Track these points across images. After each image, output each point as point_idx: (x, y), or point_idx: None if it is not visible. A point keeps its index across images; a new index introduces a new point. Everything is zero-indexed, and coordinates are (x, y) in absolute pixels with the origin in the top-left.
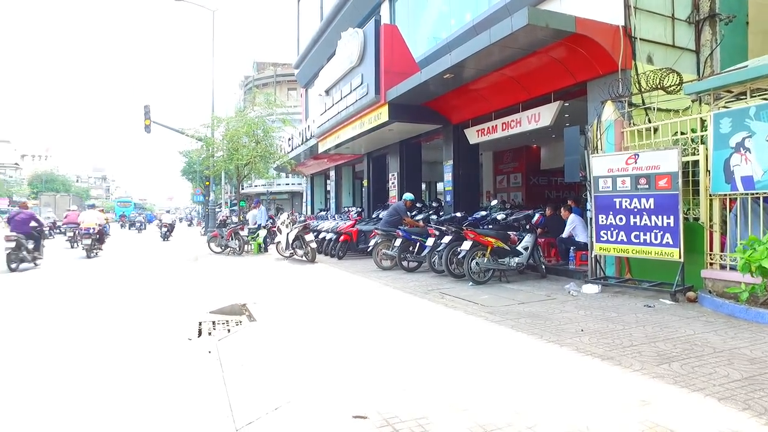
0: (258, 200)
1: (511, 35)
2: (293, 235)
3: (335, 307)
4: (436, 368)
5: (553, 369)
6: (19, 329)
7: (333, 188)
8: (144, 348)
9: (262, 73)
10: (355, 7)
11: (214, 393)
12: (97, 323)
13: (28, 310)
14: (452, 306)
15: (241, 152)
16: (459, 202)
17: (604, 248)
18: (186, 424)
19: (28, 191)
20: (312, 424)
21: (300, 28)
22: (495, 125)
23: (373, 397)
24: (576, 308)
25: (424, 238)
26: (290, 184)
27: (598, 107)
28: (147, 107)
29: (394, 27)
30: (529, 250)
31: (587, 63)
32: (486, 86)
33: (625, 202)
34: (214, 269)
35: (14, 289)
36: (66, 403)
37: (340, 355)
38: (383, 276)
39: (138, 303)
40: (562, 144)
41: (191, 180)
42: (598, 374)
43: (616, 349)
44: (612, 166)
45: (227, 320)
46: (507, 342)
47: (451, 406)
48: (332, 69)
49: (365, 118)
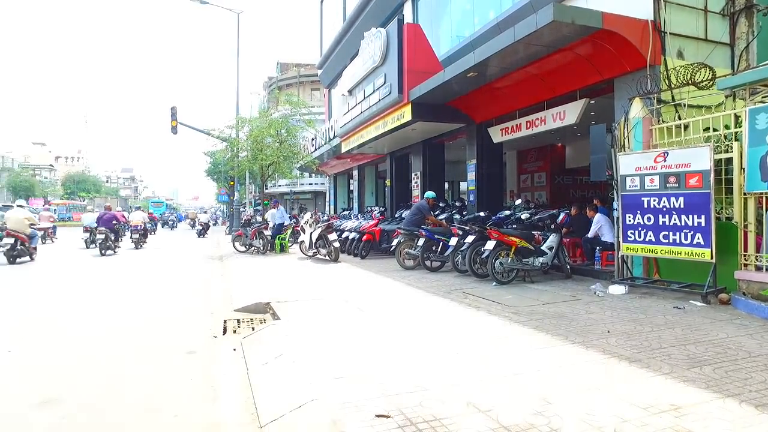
0: (276, 201)
1: (536, 32)
2: (316, 234)
3: (358, 306)
4: (458, 368)
5: (577, 370)
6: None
7: (356, 188)
8: (174, 345)
9: (286, 73)
10: (378, 7)
11: (239, 390)
12: (142, 304)
13: (118, 279)
14: (475, 306)
15: (266, 152)
16: (482, 202)
17: (631, 248)
18: (213, 421)
19: (62, 191)
20: (335, 422)
21: (323, 28)
22: (519, 124)
23: (396, 396)
24: (602, 309)
25: (448, 237)
26: (313, 184)
27: (625, 104)
28: (174, 109)
29: (417, 26)
30: (553, 250)
31: (614, 59)
32: (510, 84)
33: (653, 201)
34: (239, 268)
35: (108, 267)
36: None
37: (362, 354)
38: (406, 276)
39: (171, 296)
40: (587, 142)
41: (216, 180)
42: (625, 376)
43: (644, 351)
44: (640, 165)
45: (251, 318)
46: (531, 343)
47: (473, 407)
48: (355, 69)
49: (388, 118)
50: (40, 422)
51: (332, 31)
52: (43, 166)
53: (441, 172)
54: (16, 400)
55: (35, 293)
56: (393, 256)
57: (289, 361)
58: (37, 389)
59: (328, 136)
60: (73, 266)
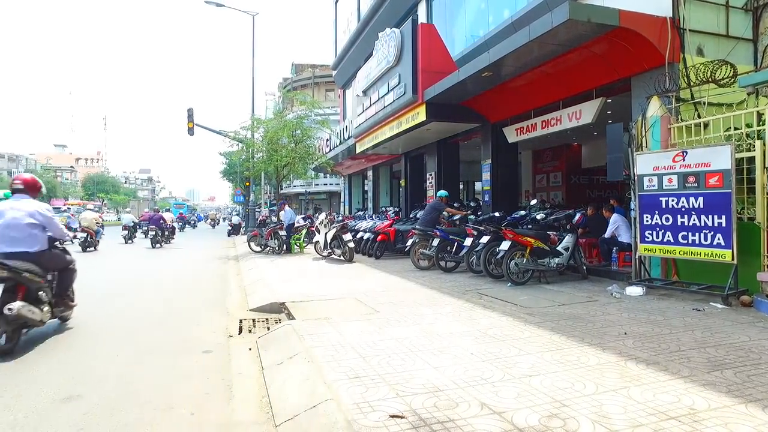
0: (283, 201)
1: (552, 31)
2: (331, 234)
3: (372, 306)
4: (473, 370)
5: (593, 373)
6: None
7: (371, 188)
8: (191, 343)
9: (301, 75)
10: (392, 8)
11: (254, 389)
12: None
13: (152, 271)
14: (490, 307)
15: (281, 153)
16: (497, 202)
17: (649, 249)
18: (228, 420)
19: (82, 192)
20: (350, 422)
21: (337, 29)
22: (534, 123)
23: (410, 397)
24: (619, 311)
25: (462, 238)
26: (328, 185)
27: (642, 103)
28: (190, 110)
29: (432, 26)
30: (569, 250)
31: (631, 57)
32: (525, 84)
33: (672, 201)
34: (254, 268)
35: (159, 256)
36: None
37: (376, 354)
38: (420, 276)
39: (189, 295)
40: (604, 142)
41: (231, 181)
42: (642, 379)
43: (663, 354)
44: (658, 164)
45: (267, 318)
46: (547, 344)
47: (487, 408)
48: (369, 69)
49: (403, 118)
50: (63, 418)
51: (346, 31)
52: (64, 167)
53: (456, 172)
54: (43, 395)
55: (101, 277)
56: (408, 257)
57: (304, 360)
58: (62, 383)
59: (343, 137)
60: (126, 256)
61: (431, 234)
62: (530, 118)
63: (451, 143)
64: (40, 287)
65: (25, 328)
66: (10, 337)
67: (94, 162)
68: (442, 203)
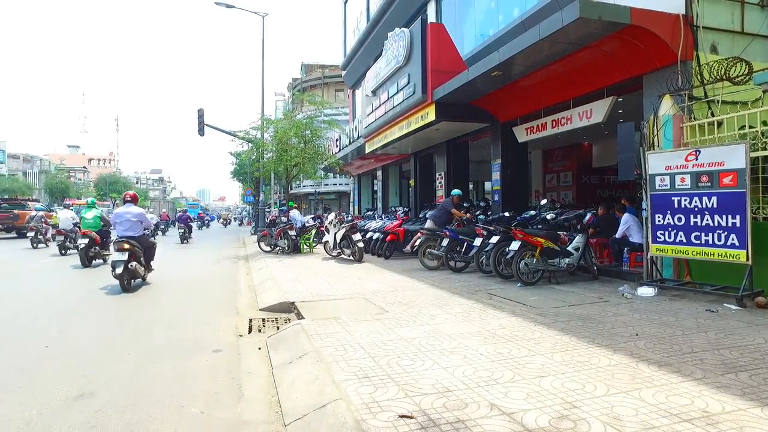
0: (285, 210)
1: (562, 30)
2: (341, 234)
3: (381, 306)
4: (482, 370)
5: (604, 374)
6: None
7: (380, 188)
8: (202, 342)
9: (310, 75)
10: (402, 7)
11: (263, 389)
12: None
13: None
14: (500, 307)
15: (290, 153)
16: (507, 202)
17: (660, 249)
18: (238, 419)
19: (95, 193)
20: (358, 422)
21: (346, 29)
22: (544, 123)
23: (419, 397)
24: (630, 311)
25: (472, 238)
26: (337, 185)
27: (654, 102)
28: (201, 111)
29: (441, 25)
30: (580, 250)
31: (643, 55)
32: (535, 83)
33: (684, 201)
34: (264, 268)
35: (186, 250)
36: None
37: (385, 354)
38: (430, 276)
39: (201, 295)
40: (614, 141)
41: (241, 181)
42: (654, 381)
43: (675, 356)
44: (670, 164)
45: (276, 317)
46: (557, 345)
47: (497, 409)
48: (379, 69)
49: (412, 118)
50: (76, 416)
51: (355, 31)
52: (77, 168)
53: (465, 171)
54: (56, 392)
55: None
56: (417, 257)
57: (313, 360)
58: (75, 381)
59: (352, 137)
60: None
61: (439, 234)
62: (540, 117)
63: (461, 143)
64: (140, 256)
65: (133, 279)
66: (128, 282)
67: (107, 162)
68: (451, 202)
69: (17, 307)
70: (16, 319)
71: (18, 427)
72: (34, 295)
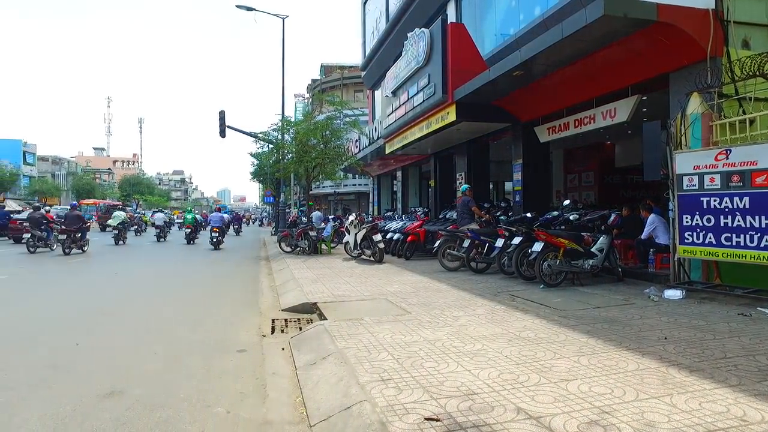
0: (306, 209)
1: (585, 28)
2: (361, 235)
3: (403, 307)
4: (507, 373)
5: (632, 378)
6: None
7: (399, 189)
8: (226, 342)
9: (329, 76)
10: (421, 7)
11: (288, 389)
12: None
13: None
14: (523, 309)
15: (311, 154)
16: (529, 202)
17: (688, 251)
18: (263, 419)
19: (119, 194)
20: (384, 424)
21: (366, 30)
22: (566, 122)
23: (444, 400)
24: (657, 314)
25: (494, 239)
26: (357, 185)
27: (682, 100)
28: (222, 113)
29: (461, 25)
30: (604, 251)
31: (670, 52)
32: (557, 82)
33: (714, 202)
34: (285, 268)
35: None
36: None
37: (409, 356)
38: (451, 277)
39: (224, 295)
40: (639, 140)
41: (261, 182)
42: (686, 386)
43: (707, 361)
44: (699, 163)
45: (299, 318)
46: (582, 348)
47: (523, 413)
48: (399, 70)
49: (432, 119)
50: (107, 413)
51: (375, 32)
52: (102, 169)
53: (486, 172)
54: (87, 390)
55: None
56: (437, 257)
57: (337, 361)
58: (105, 379)
59: (372, 138)
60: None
61: (459, 235)
62: (562, 117)
63: (481, 143)
64: (223, 234)
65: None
66: (217, 242)
67: (130, 164)
68: (470, 197)
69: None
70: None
71: (54, 423)
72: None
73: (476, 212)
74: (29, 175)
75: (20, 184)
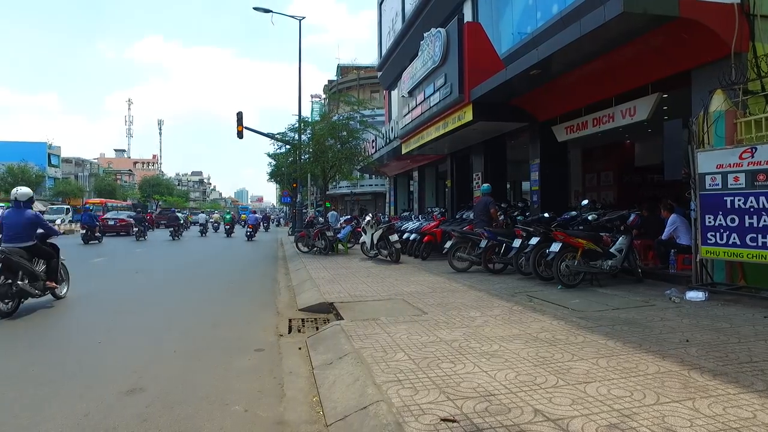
0: (323, 210)
1: (604, 25)
2: (378, 235)
3: (420, 308)
4: (525, 374)
5: (653, 381)
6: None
7: (416, 189)
8: (244, 341)
9: (346, 77)
10: (437, 7)
11: (304, 389)
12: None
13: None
14: (540, 310)
15: (327, 154)
16: (546, 203)
17: (711, 251)
18: (280, 418)
19: (139, 194)
20: (400, 424)
21: (382, 31)
22: (585, 121)
23: (461, 401)
24: (679, 316)
25: (511, 239)
26: (373, 185)
27: (704, 97)
28: (239, 114)
29: (478, 24)
30: (623, 252)
31: (692, 49)
32: (575, 80)
33: (738, 201)
34: (302, 268)
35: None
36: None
37: (426, 356)
38: (468, 278)
39: (242, 295)
40: (658, 139)
41: (279, 182)
42: (709, 391)
43: (731, 365)
44: (722, 162)
45: (315, 318)
46: (601, 350)
47: (541, 415)
48: (415, 70)
49: (449, 118)
50: (129, 409)
51: (391, 33)
52: (123, 170)
53: (503, 172)
54: (109, 387)
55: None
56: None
57: (353, 361)
58: (127, 377)
59: (388, 138)
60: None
61: (471, 237)
62: (581, 116)
63: (498, 143)
64: (257, 228)
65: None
66: (251, 236)
67: (150, 165)
68: (491, 199)
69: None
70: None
71: (78, 418)
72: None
73: (494, 216)
74: (54, 176)
75: (45, 185)
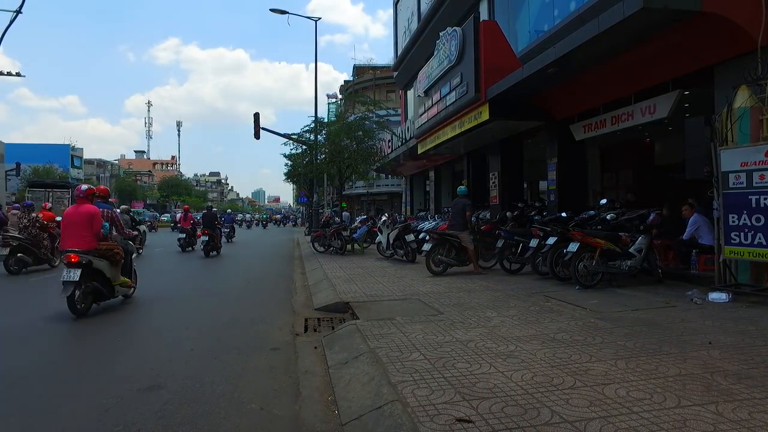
0: (339, 209)
1: (623, 21)
2: (394, 235)
3: (436, 308)
4: (541, 375)
5: (674, 384)
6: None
7: (432, 189)
8: (260, 340)
9: (362, 77)
10: (453, 6)
11: (320, 388)
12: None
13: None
14: (558, 310)
15: (343, 154)
16: (564, 202)
17: (735, 252)
18: (296, 417)
19: (158, 195)
20: (415, 424)
21: (398, 30)
22: (603, 120)
23: (476, 401)
24: (701, 318)
25: (527, 239)
26: (389, 185)
27: (728, 93)
28: (257, 115)
29: (494, 23)
30: (642, 252)
31: (715, 44)
32: (593, 78)
33: (763, 200)
34: (318, 268)
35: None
36: None
37: (442, 356)
38: (484, 278)
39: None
40: (679, 137)
41: (295, 183)
42: (733, 395)
43: (757, 368)
44: (747, 160)
45: (331, 317)
46: (620, 351)
47: (558, 416)
48: (431, 69)
49: (465, 118)
50: (147, 406)
51: (407, 32)
52: (143, 171)
53: (519, 171)
54: (128, 384)
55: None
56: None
57: (369, 361)
58: (145, 373)
59: (404, 137)
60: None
61: (448, 239)
62: (599, 114)
63: (515, 142)
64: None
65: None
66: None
67: (169, 166)
68: (467, 201)
69: None
70: None
71: (99, 413)
72: None
73: (468, 218)
74: (77, 177)
75: None
